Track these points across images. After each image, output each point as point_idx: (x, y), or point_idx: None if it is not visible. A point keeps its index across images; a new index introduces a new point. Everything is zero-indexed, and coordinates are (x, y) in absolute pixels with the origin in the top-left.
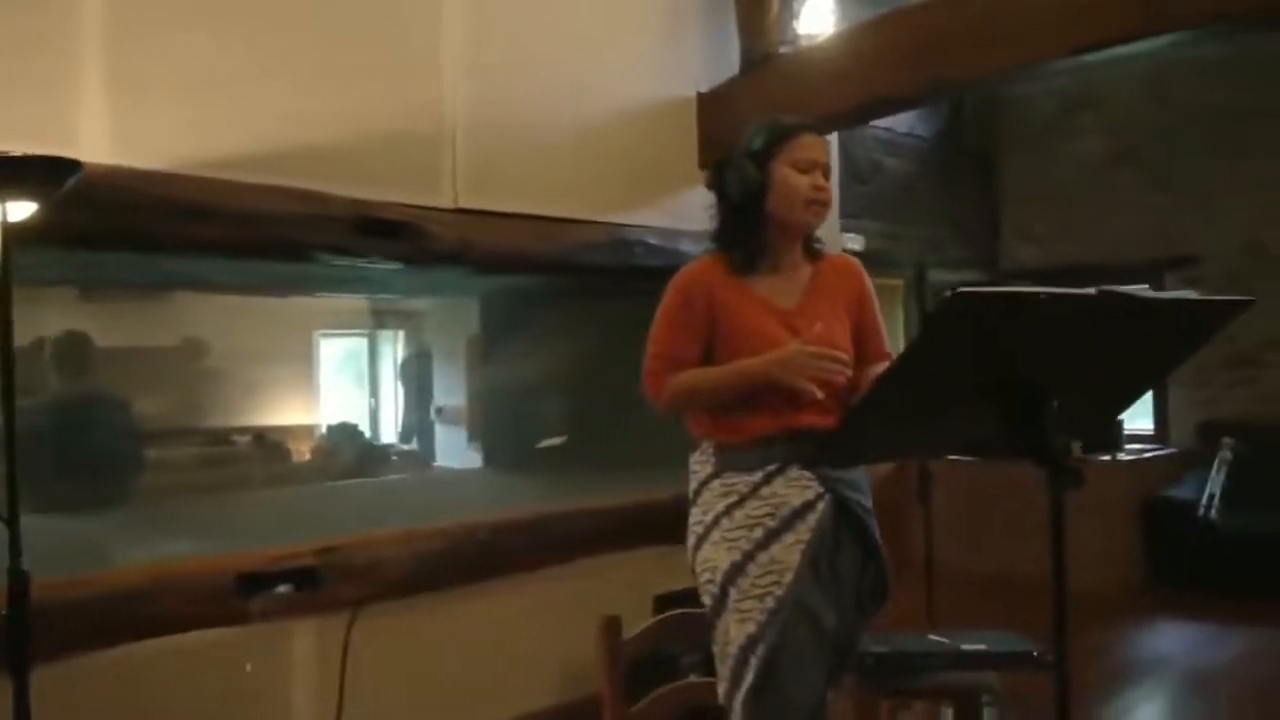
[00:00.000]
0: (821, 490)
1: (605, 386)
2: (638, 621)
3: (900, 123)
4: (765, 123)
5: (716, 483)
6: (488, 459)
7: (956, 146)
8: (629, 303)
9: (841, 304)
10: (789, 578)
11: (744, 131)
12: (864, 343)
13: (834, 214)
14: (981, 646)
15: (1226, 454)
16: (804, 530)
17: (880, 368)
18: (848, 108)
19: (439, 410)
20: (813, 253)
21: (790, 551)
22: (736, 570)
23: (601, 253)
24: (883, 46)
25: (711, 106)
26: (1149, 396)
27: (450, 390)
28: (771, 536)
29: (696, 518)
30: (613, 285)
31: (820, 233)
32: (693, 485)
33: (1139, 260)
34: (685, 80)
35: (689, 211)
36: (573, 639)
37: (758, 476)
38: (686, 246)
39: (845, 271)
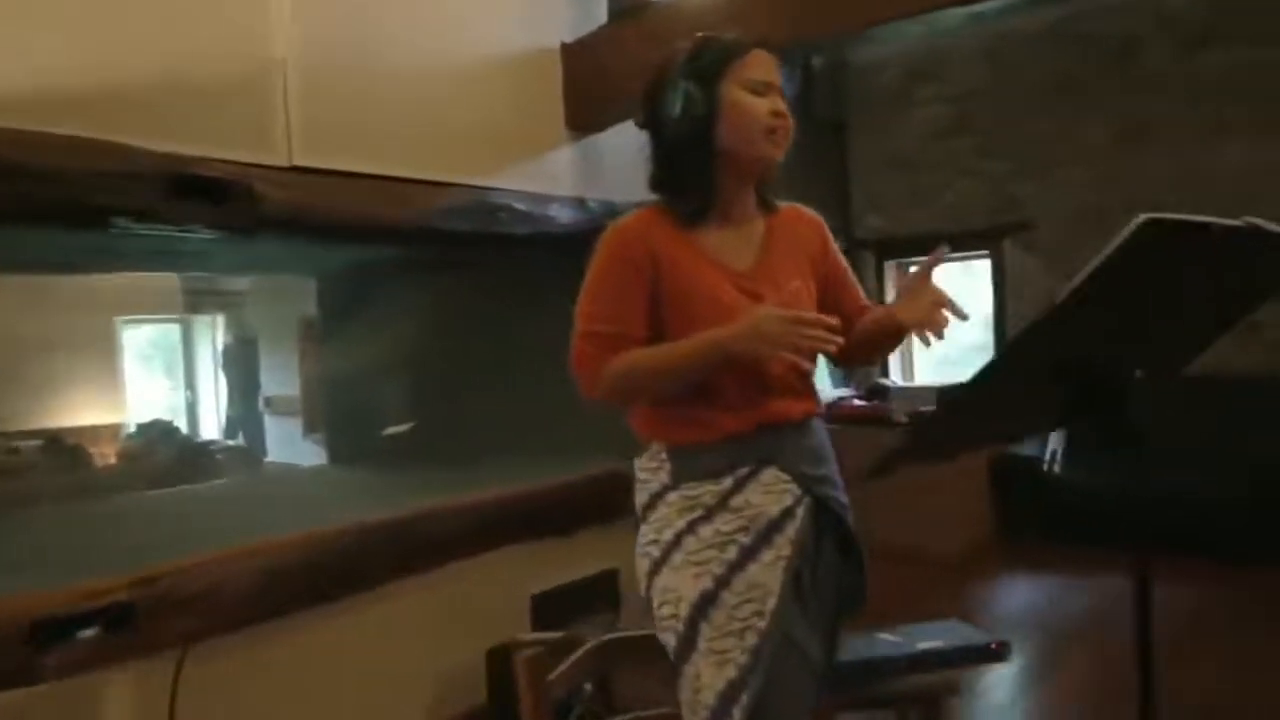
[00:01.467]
0: (800, 493)
1: (469, 367)
2: (517, 624)
3: None
4: (703, 39)
5: (675, 494)
6: (333, 455)
7: (808, 115)
8: (495, 274)
9: (805, 262)
10: (772, 604)
11: (672, 54)
12: (839, 299)
13: None
14: (938, 643)
15: None
16: (783, 544)
17: (873, 320)
18: None
19: (268, 401)
20: (767, 203)
21: (770, 571)
22: (708, 600)
23: (462, 218)
24: None
25: (577, 58)
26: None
27: (281, 379)
28: (748, 555)
29: (649, 537)
30: (476, 255)
31: None
32: (641, 498)
33: (981, 226)
34: (548, 29)
35: (558, 173)
36: (448, 652)
37: (726, 484)
38: (557, 212)
39: (803, 223)
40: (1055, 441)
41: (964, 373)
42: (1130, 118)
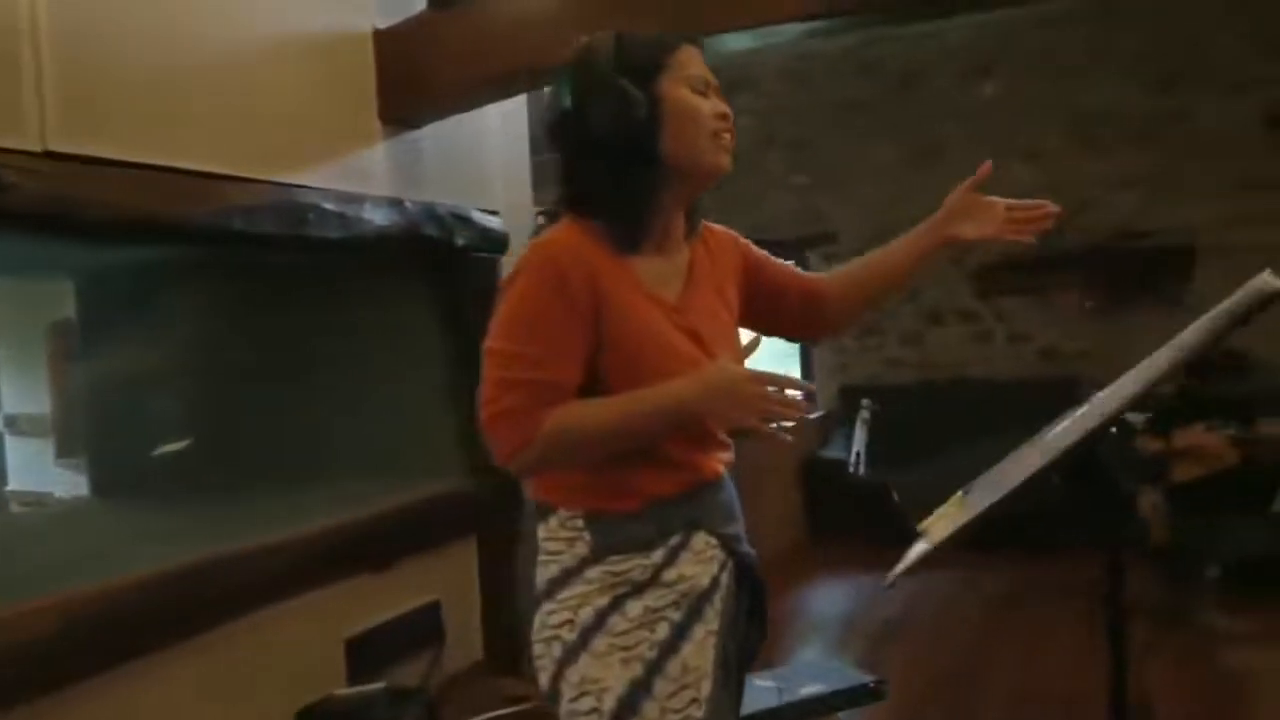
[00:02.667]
0: (724, 557)
1: (267, 384)
2: (331, 675)
3: None
4: (628, 35)
5: (596, 570)
6: (96, 484)
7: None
8: (302, 280)
9: (728, 286)
10: (707, 689)
11: (584, 49)
12: (782, 290)
13: (526, 189)
14: (821, 688)
15: (865, 414)
16: (712, 617)
17: (886, 264)
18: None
19: (10, 420)
20: (694, 225)
21: (702, 651)
22: (639, 690)
23: (262, 219)
24: None
25: (392, 46)
26: (798, 361)
27: (26, 395)
28: (680, 634)
29: (561, 618)
30: (279, 259)
31: (509, 210)
32: (549, 573)
33: (789, 238)
34: (358, 11)
35: (371, 171)
36: (253, 716)
37: (658, 556)
38: (370, 214)
39: (723, 247)
40: (859, 443)
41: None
42: (918, 140)
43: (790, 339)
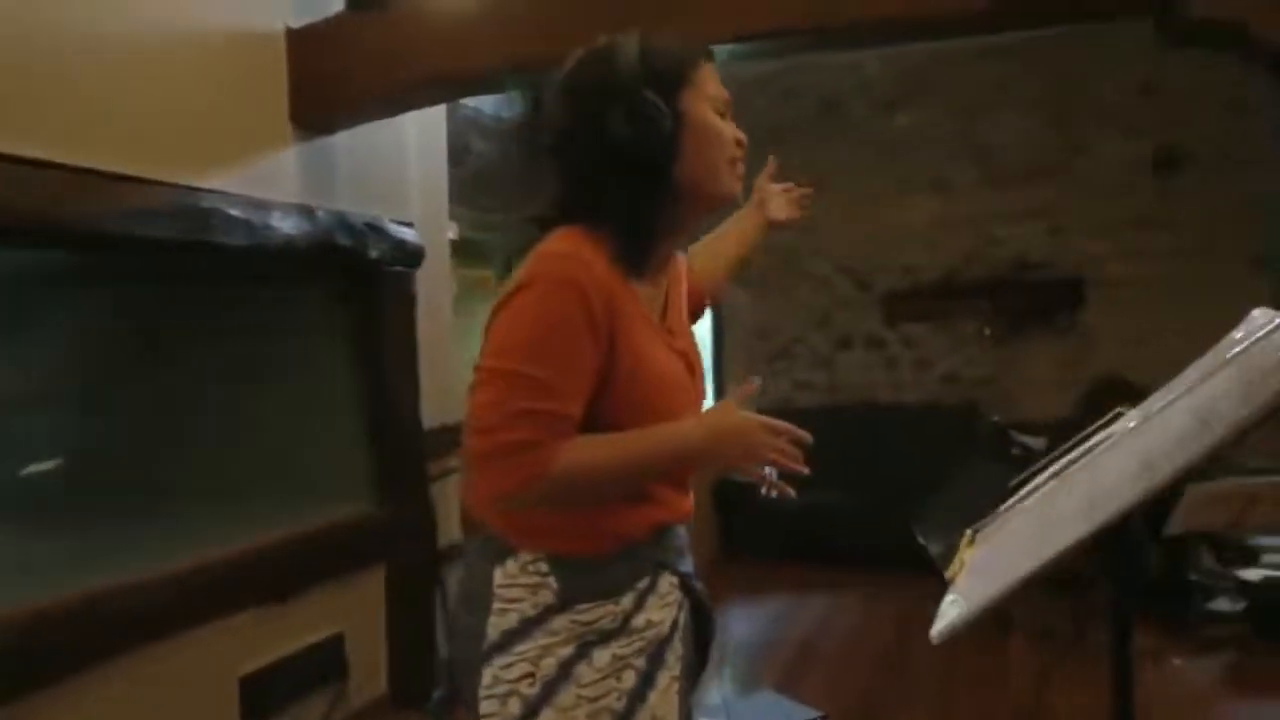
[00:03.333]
0: (682, 597)
1: (160, 399)
2: (223, 717)
3: (485, 103)
4: (654, 40)
5: (562, 619)
6: None
7: (538, 135)
8: (199, 293)
9: (683, 304)
10: None
11: (603, 51)
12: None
13: (443, 201)
14: None
15: None
16: (674, 661)
17: (737, 244)
18: (492, 66)
19: None
20: (684, 246)
21: (667, 698)
22: None
23: (163, 223)
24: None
25: (305, 47)
26: (711, 382)
27: None
28: (647, 682)
29: (520, 670)
30: (175, 267)
31: (425, 223)
32: (505, 622)
33: None
34: (271, 8)
35: (280, 177)
36: None
37: (627, 601)
38: (279, 222)
39: (679, 266)
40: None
41: None
42: (828, 169)
43: None
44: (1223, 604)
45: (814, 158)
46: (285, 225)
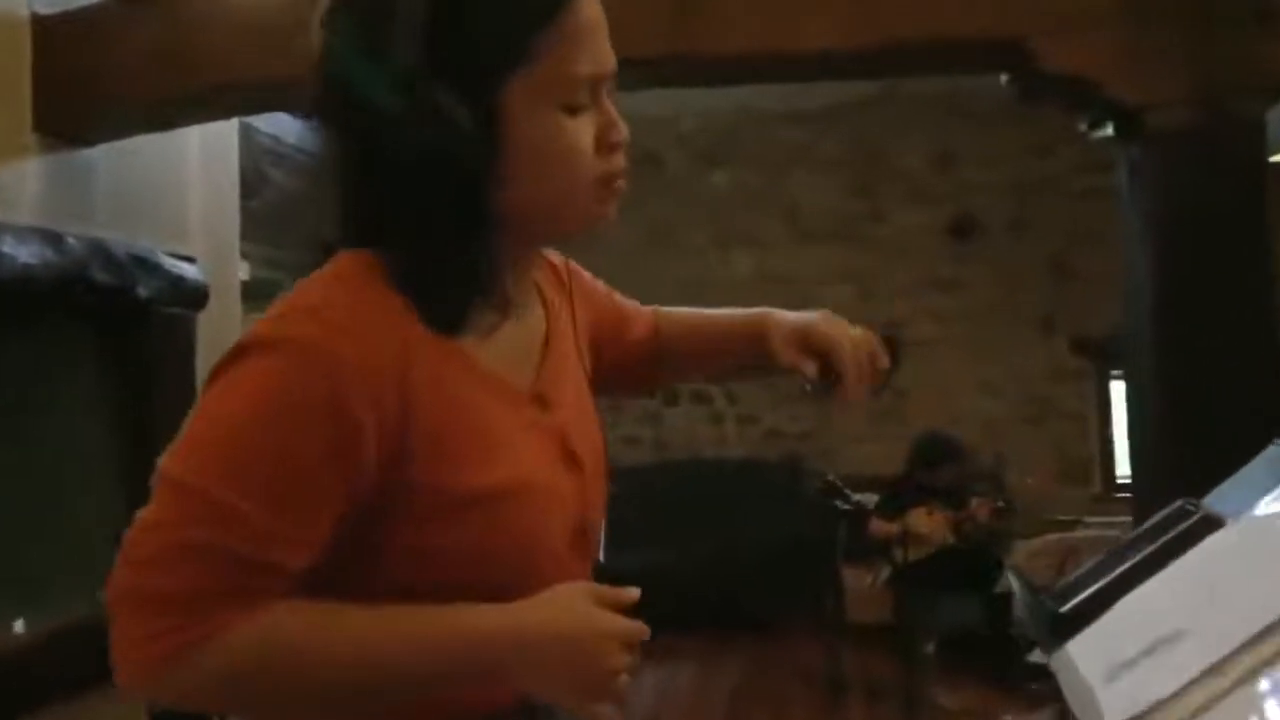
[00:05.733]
0: None
1: None
2: None
3: (287, 129)
4: None
5: None
6: None
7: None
8: None
9: (584, 336)
10: None
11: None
12: (621, 328)
13: (233, 231)
14: None
15: None
16: None
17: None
18: (297, 75)
19: None
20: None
21: None
22: None
23: None
24: None
25: (57, 39)
26: None
27: None
28: None
29: None
30: None
31: (210, 256)
32: None
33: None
34: None
35: (17, 195)
36: None
37: None
38: (14, 249)
39: (557, 275)
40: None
41: None
42: (654, 223)
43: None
44: (1040, 656)
45: (642, 210)
46: (21, 253)
